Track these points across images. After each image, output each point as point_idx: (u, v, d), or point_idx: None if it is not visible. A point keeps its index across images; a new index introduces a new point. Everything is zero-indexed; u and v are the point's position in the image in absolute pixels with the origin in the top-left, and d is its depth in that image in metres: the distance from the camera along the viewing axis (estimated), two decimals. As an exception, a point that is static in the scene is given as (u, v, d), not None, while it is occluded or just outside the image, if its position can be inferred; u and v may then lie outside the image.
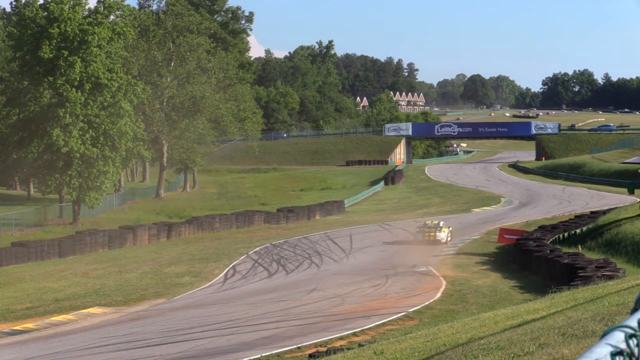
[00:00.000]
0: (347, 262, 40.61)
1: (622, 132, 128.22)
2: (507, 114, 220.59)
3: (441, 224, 47.48)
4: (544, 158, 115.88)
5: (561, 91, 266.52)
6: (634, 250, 37.33)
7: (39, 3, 56.20)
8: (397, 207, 69.94)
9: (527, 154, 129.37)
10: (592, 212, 51.35)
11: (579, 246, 39.57)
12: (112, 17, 59.81)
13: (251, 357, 20.18)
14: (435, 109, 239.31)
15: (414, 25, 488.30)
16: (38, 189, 65.59)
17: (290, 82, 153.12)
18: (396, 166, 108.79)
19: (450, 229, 47.39)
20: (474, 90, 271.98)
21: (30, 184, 70.44)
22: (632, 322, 2.44)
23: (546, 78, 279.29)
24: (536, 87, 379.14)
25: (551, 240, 41.69)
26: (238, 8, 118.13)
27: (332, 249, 44.77)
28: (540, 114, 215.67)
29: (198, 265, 40.71)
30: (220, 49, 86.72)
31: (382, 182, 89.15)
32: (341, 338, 22.32)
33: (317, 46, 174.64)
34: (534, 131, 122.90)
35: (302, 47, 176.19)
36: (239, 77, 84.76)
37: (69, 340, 24.72)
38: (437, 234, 46.45)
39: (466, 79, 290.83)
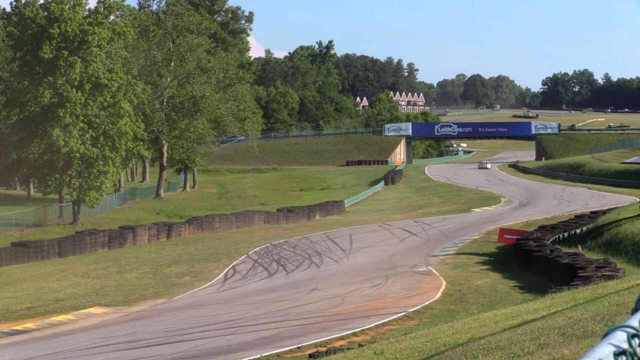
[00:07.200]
0: (347, 262, 40.55)
1: (622, 132, 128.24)
2: (531, 113, 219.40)
3: (488, 160, 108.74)
4: (544, 158, 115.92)
5: (561, 91, 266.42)
6: (634, 250, 37.28)
7: (39, 3, 56.18)
8: (397, 207, 69.92)
9: (527, 154, 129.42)
10: (592, 212, 51.29)
11: (579, 246, 39.54)
12: (112, 17, 59.85)
13: (251, 357, 20.13)
14: (446, 109, 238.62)
15: (414, 25, 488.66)
16: (38, 189, 65.58)
17: (290, 82, 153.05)
18: (396, 166, 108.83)
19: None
20: (474, 90, 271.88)
21: (30, 184, 70.44)
22: (634, 322, 2.44)
23: (546, 78, 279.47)
24: (536, 87, 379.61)
25: (551, 240, 41.62)
26: (238, 8, 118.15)
27: (332, 249, 44.70)
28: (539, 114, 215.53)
29: (198, 265, 40.68)
30: (220, 49, 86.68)
31: (382, 182, 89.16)
32: (341, 338, 22.27)
33: (317, 46, 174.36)
34: (534, 131, 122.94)
35: (302, 47, 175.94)
36: (239, 77, 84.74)
37: (69, 340, 24.69)
38: (487, 165, 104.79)
39: (466, 79, 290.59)
